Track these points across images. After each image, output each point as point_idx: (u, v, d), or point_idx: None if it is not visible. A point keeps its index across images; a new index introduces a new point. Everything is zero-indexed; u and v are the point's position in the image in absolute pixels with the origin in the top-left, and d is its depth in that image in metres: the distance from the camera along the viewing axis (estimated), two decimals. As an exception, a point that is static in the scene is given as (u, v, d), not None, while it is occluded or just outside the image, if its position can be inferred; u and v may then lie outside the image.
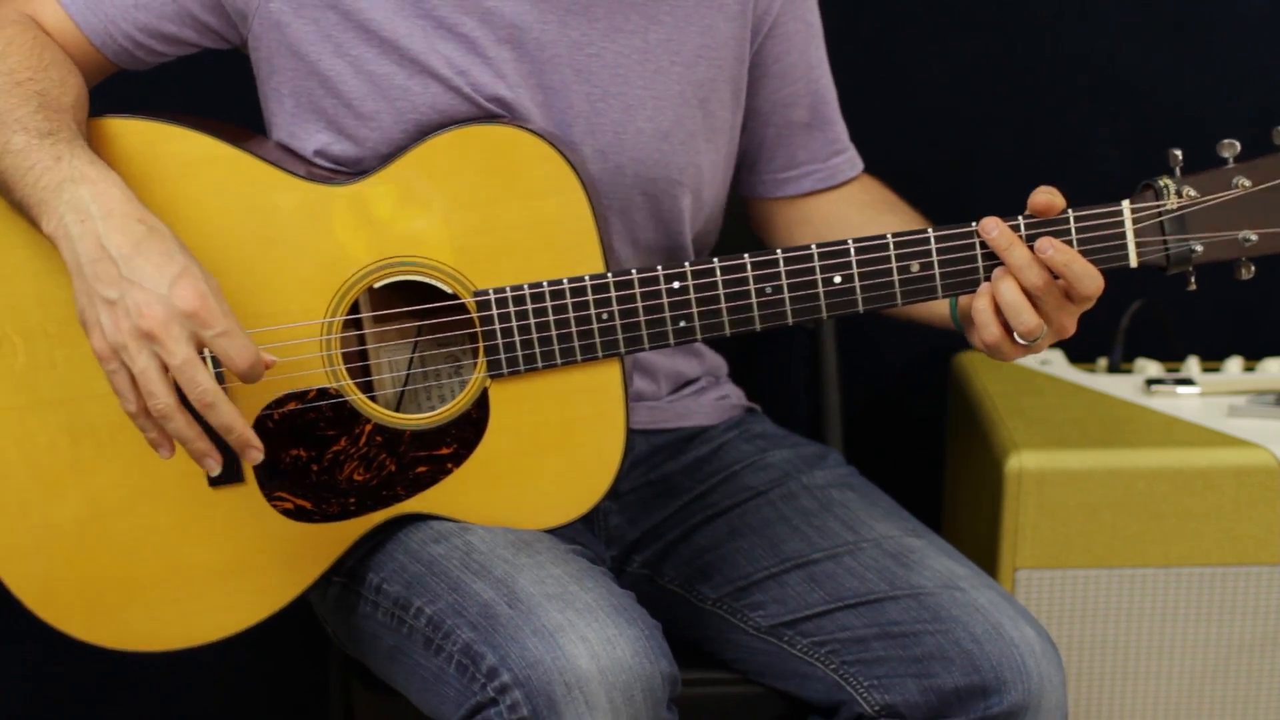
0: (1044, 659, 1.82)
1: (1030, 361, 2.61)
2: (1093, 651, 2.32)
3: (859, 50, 2.18)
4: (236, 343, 1.65)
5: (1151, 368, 2.56)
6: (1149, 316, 2.60)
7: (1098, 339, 2.50)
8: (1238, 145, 1.74)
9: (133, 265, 1.64)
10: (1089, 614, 2.31)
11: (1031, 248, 1.73)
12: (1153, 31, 2.72)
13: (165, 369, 1.65)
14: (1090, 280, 1.73)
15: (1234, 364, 2.56)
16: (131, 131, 1.79)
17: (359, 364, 1.87)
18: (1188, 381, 2.48)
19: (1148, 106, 2.74)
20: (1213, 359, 2.61)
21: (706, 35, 1.93)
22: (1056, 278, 1.73)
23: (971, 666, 1.82)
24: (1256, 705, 2.34)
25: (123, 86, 1.96)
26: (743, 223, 2.13)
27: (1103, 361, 2.60)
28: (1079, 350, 2.53)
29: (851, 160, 2.09)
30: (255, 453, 1.70)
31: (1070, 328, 1.77)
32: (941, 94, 2.74)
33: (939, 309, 1.88)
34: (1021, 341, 1.75)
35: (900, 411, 2.85)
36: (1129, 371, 2.58)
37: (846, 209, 2.06)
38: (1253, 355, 2.63)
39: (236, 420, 1.67)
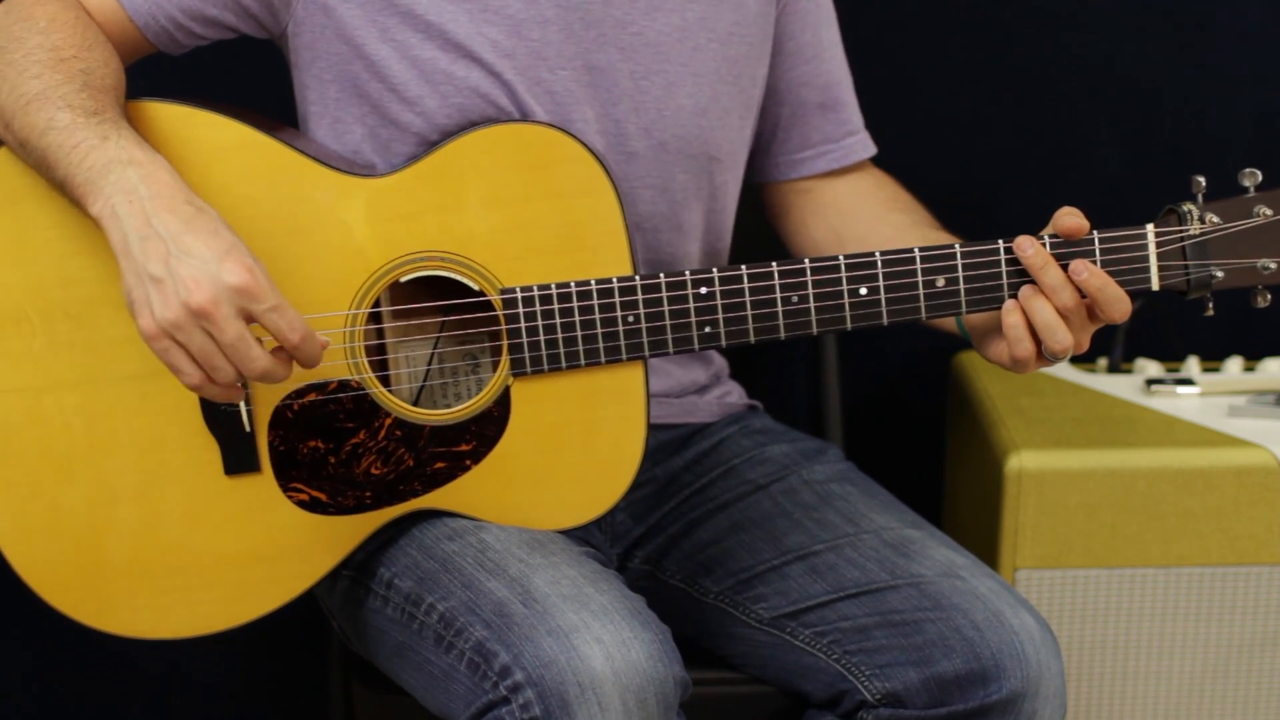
0: (1043, 647, 1.83)
1: (1030, 360, 2.61)
2: (1093, 651, 2.33)
3: (858, 50, 2.18)
4: (288, 316, 1.63)
5: (1151, 368, 2.57)
6: (1149, 316, 2.61)
7: (1098, 339, 2.49)
8: (1259, 174, 1.75)
9: (181, 243, 1.61)
10: (1089, 614, 2.31)
11: (1064, 268, 1.74)
12: (1153, 31, 2.72)
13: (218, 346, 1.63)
14: (1120, 304, 1.75)
15: (1234, 364, 2.57)
16: (162, 115, 1.78)
17: (377, 358, 1.86)
18: (1188, 381, 2.49)
19: (1148, 107, 2.75)
20: (1213, 359, 2.61)
21: (738, 12, 1.96)
22: (1083, 298, 1.75)
23: (972, 654, 1.82)
24: (1256, 705, 2.34)
25: (151, 74, 1.95)
26: (772, 237, 2.14)
27: (1103, 361, 2.61)
28: (1079, 350, 2.54)
29: (864, 142, 2.11)
30: None
31: (1086, 345, 1.79)
32: (941, 94, 2.74)
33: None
34: (1050, 358, 1.77)
35: (900, 411, 2.84)
36: (1129, 371, 2.59)
37: (861, 202, 2.06)
38: (1253, 355, 2.64)
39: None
